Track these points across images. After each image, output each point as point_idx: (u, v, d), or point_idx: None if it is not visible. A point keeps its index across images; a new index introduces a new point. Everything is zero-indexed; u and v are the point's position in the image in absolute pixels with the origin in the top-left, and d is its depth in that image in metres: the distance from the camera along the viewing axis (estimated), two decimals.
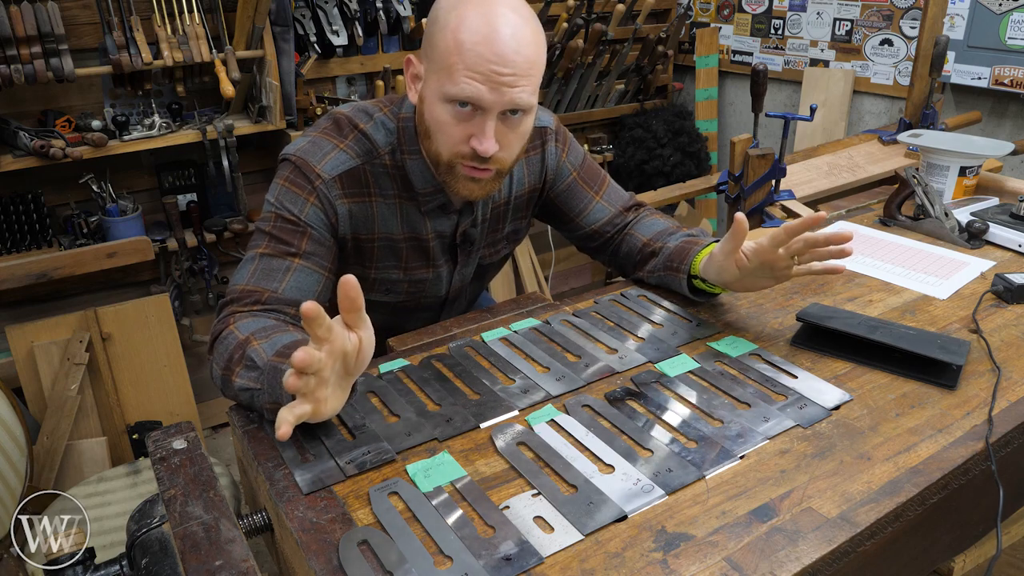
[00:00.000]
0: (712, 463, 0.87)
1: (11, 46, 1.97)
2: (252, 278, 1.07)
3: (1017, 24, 2.46)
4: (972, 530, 1.02)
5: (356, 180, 1.14)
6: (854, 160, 2.27)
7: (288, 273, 1.08)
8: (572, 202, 1.33)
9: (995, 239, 1.47)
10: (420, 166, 1.15)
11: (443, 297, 1.34)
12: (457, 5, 1.01)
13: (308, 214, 1.11)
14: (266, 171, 2.64)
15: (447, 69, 1.00)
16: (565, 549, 0.75)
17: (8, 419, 1.69)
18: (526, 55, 1.00)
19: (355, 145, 1.15)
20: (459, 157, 1.06)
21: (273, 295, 1.06)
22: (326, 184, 1.11)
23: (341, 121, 1.17)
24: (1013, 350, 1.10)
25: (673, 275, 1.22)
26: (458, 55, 0.99)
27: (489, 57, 0.98)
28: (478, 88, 0.99)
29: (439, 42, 1.01)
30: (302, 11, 2.50)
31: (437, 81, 1.02)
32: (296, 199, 1.11)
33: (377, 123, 1.16)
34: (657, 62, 3.29)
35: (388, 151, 1.16)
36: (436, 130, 1.06)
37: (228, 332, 1.00)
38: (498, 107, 1.01)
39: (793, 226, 1.02)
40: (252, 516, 0.87)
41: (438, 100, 1.03)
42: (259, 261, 1.09)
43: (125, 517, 0.95)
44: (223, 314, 1.05)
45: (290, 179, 1.12)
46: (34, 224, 2.25)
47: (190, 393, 2.35)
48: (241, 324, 1.01)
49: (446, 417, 0.96)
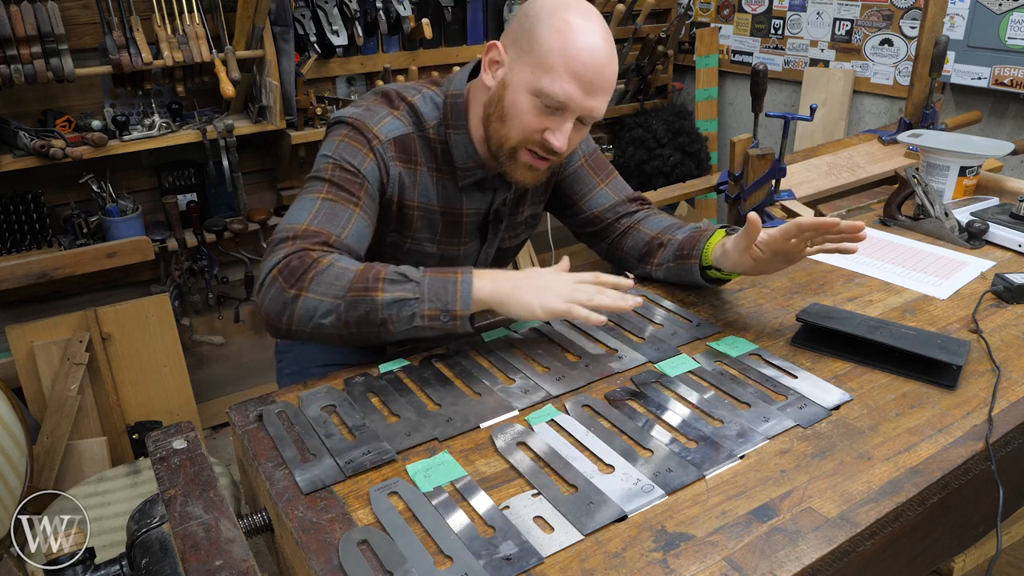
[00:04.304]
0: (712, 463, 0.87)
1: (11, 46, 1.97)
2: (315, 219, 1.09)
3: (1017, 24, 2.46)
4: (972, 530, 1.02)
5: (406, 147, 1.19)
6: (854, 160, 2.27)
7: (351, 221, 1.11)
8: (577, 186, 1.36)
9: (995, 239, 1.47)
10: (464, 141, 1.20)
11: None
12: (560, 9, 1.08)
13: (367, 168, 1.15)
14: (266, 171, 2.64)
15: (546, 66, 1.06)
16: (565, 549, 0.75)
17: (8, 419, 1.69)
18: (612, 72, 1.10)
19: (406, 115, 1.20)
20: (528, 144, 1.12)
21: (339, 239, 1.09)
22: (383, 145, 1.16)
23: (391, 93, 1.22)
24: (1013, 350, 1.10)
25: (684, 263, 1.24)
26: (562, 57, 1.05)
27: (591, 66, 1.06)
28: (573, 92, 1.06)
29: (542, 38, 1.07)
30: (302, 11, 2.50)
31: (532, 74, 1.08)
32: (356, 152, 1.15)
33: (425, 97, 1.21)
34: (657, 62, 3.29)
35: (433, 125, 1.20)
36: (514, 116, 1.11)
37: (330, 264, 1.03)
38: (580, 112, 1.09)
39: (805, 224, 1.04)
40: (252, 516, 0.87)
41: (525, 90, 1.09)
42: (321, 204, 1.11)
43: (125, 517, 0.95)
44: (293, 249, 1.05)
45: (349, 135, 1.16)
46: (34, 224, 2.25)
47: (190, 393, 2.34)
48: (342, 259, 1.05)
49: (446, 417, 0.96)
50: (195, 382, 2.39)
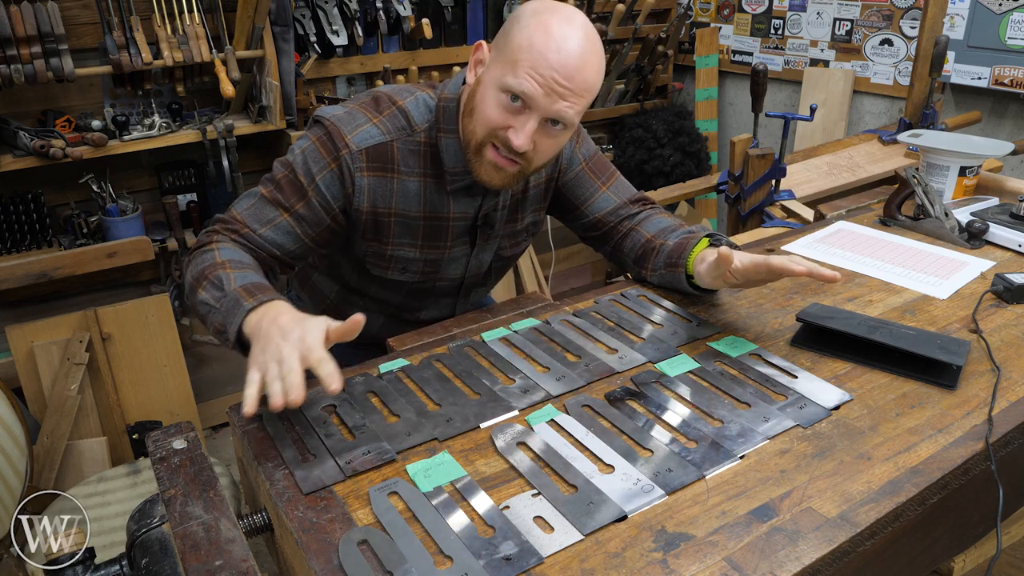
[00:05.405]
0: (712, 463, 0.87)
1: (11, 46, 1.97)
2: (244, 212, 1.18)
3: (1017, 24, 2.46)
4: (972, 530, 1.02)
5: (381, 155, 1.19)
6: (854, 160, 2.27)
7: (274, 222, 1.17)
8: (579, 190, 1.36)
9: (995, 239, 1.47)
10: (454, 145, 1.19)
11: (459, 280, 1.37)
12: (542, 12, 1.08)
13: (323, 177, 1.16)
14: (266, 171, 2.63)
15: (512, 63, 1.07)
16: (565, 549, 0.75)
17: (8, 419, 1.69)
18: (585, 76, 1.07)
19: (388, 121, 1.20)
20: (492, 139, 1.12)
21: (251, 233, 1.16)
22: (352, 155, 1.16)
23: (380, 98, 1.22)
24: (1013, 350, 1.10)
25: (673, 271, 1.24)
26: (527, 53, 1.05)
27: (554, 64, 1.05)
28: (535, 88, 1.05)
29: (514, 38, 1.08)
30: (302, 11, 2.50)
31: (500, 70, 1.08)
32: (319, 160, 1.17)
33: (418, 99, 1.21)
34: (657, 62, 3.29)
35: (424, 128, 1.20)
36: (480, 111, 1.12)
37: (209, 248, 1.12)
38: (544, 112, 1.08)
39: (775, 268, 1.05)
40: (252, 516, 0.87)
41: (494, 86, 1.09)
42: (257, 201, 1.19)
43: (125, 517, 0.95)
44: (211, 228, 1.17)
45: (321, 140, 1.17)
46: (34, 224, 2.25)
47: (190, 393, 2.35)
48: (223, 247, 1.11)
49: (446, 417, 0.96)
50: (195, 382, 2.39)
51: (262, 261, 1.16)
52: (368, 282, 1.34)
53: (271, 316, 0.95)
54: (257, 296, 1.00)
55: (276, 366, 0.87)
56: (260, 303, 0.98)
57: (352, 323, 0.89)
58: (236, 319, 0.98)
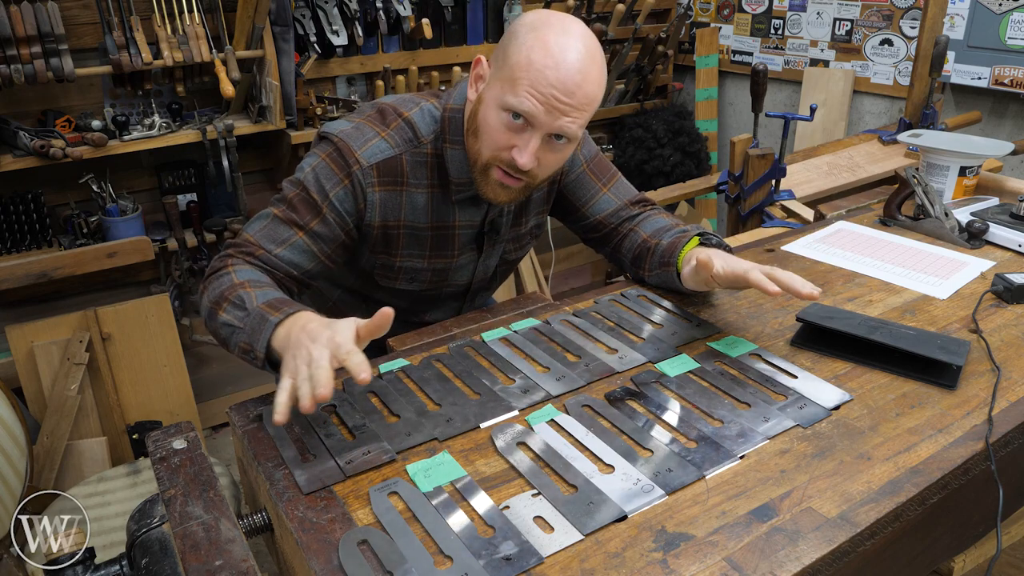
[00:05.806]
0: (712, 463, 0.87)
1: (11, 46, 1.97)
2: (258, 233, 1.15)
3: (1017, 24, 2.46)
4: (972, 530, 1.02)
5: (392, 169, 1.18)
6: (854, 160, 2.27)
7: (288, 241, 1.15)
8: (580, 192, 1.35)
9: (995, 239, 1.47)
10: (460, 156, 1.19)
11: (466, 286, 1.37)
12: (539, 27, 1.07)
13: (336, 194, 1.15)
14: (266, 171, 2.64)
15: (512, 81, 1.05)
16: (565, 549, 0.75)
17: (8, 419, 1.69)
18: (586, 91, 1.06)
19: (396, 134, 1.19)
20: (497, 161, 1.11)
21: (267, 254, 1.14)
22: (363, 171, 1.16)
23: (386, 110, 1.21)
24: (1013, 350, 1.10)
25: (665, 270, 1.25)
26: (526, 71, 1.04)
27: (553, 82, 1.04)
28: (535, 106, 1.05)
29: (512, 55, 1.06)
30: (302, 11, 2.50)
31: (500, 88, 1.07)
32: (331, 176, 1.15)
33: (423, 110, 1.21)
34: (657, 62, 3.29)
35: (431, 139, 1.20)
36: (484, 131, 1.11)
37: (225, 271, 1.09)
38: (547, 129, 1.07)
39: (753, 282, 1.06)
40: (252, 516, 0.87)
41: (495, 105, 1.09)
42: (270, 222, 1.16)
43: (125, 517, 0.95)
44: (224, 252, 1.14)
45: (331, 156, 1.16)
46: (34, 224, 2.25)
47: (190, 393, 2.35)
48: (239, 270, 1.09)
49: (446, 417, 0.96)
50: (195, 382, 2.39)
51: (279, 282, 1.13)
52: (373, 288, 1.34)
53: (300, 325, 0.93)
54: (283, 309, 0.98)
55: (306, 368, 0.86)
56: (287, 315, 0.97)
57: (382, 316, 0.88)
58: (264, 335, 0.96)
